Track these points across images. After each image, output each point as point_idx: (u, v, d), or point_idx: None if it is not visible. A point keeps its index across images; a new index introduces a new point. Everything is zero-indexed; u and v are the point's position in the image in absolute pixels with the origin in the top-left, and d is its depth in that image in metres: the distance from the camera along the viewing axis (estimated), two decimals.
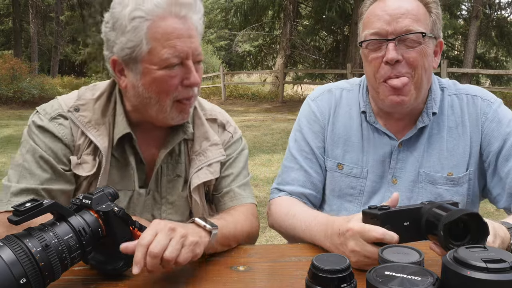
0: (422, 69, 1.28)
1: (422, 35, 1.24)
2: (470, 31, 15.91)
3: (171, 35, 1.18)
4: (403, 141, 1.39)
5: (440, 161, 1.37)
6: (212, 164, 1.38)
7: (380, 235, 0.98)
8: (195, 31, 1.24)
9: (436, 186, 1.36)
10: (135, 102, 1.28)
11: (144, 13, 1.16)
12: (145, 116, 1.31)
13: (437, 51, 1.34)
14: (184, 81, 1.23)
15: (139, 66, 1.21)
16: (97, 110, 1.31)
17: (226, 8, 23.08)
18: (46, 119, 1.28)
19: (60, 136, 1.28)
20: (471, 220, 0.91)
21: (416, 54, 1.25)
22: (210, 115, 1.46)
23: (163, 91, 1.22)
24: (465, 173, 1.36)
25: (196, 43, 1.23)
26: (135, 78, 1.23)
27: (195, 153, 1.38)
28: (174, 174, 1.39)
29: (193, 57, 1.23)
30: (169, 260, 0.95)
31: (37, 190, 1.23)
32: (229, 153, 1.45)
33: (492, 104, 1.38)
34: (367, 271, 0.73)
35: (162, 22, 1.18)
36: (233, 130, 1.49)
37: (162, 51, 1.18)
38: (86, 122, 1.29)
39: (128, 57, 1.21)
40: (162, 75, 1.20)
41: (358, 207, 1.43)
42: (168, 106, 1.25)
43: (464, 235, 0.92)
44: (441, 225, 0.91)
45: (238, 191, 1.41)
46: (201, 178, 1.35)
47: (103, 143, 1.28)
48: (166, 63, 1.19)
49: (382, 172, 1.41)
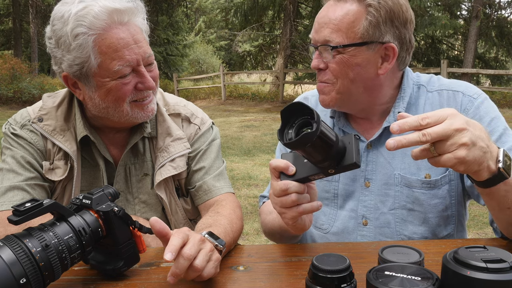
0: (345, 79, 1.25)
1: (335, 48, 1.21)
2: (470, 31, 15.91)
3: (118, 46, 1.18)
4: (372, 142, 1.36)
5: (416, 162, 1.31)
6: (175, 159, 1.39)
7: (283, 165, 0.99)
8: (141, 34, 1.25)
9: (412, 189, 1.31)
10: (95, 112, 1.31)
11: (86, 28, 1.16)
12: (107, 122, 1.34)
13: (388, 56, 1.25)
14: (138, 85, 1.25)
15: (92, 80, 1.23)
16: (60, 117, 1.36)
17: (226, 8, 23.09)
18: (18, 127, 1.34)
19: (32, 142, 1.33)
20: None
21: (335, 64, 1.24)
22: (173, 110, 1.47)
23: (119, 98, 1.24)
24: (444, 174, 1.30)
25: (144, 47, 1.24)
26: (90, 91, 1.25)
27: (159, 150, 1.40)
28: (142, 173, 1.42)
29: (144, 61, 1.25)
30: (197, 269, 0.92)
31: (22, 186, 1.28)
32: (198, 146, 1.45)
33: (474, 100, 1.30)
34: (368, 271, 0.73)
35: (107, 34, 1.17)
36: (199, 122, 1.49)
37: (111, 64, 1.19)
38: (51, 130, 1.34)
39: (79, 72, 1.22)
40: (116, 85, 1.22)
41: (335, 210, 1.41)
42: (128, 109, 1.27)
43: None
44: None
45: (212, 183, 1.42)
46: (163, 175, 1.37)
47: (71, 148, 1.32)
48: (118, 74, 1.21)
49: (354, 174, 1.38)
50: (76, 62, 1.20)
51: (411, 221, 1.33)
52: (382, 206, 1.34)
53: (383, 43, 1.23)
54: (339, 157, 0.94)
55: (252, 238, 4.25)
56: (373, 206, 1.35)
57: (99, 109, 1.28)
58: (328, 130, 0.89)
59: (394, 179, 1.33)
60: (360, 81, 1.26)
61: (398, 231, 1.33)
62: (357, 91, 1.28)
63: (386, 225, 1.34)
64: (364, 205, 1.36)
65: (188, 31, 34.83)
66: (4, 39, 28.74)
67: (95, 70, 1.20)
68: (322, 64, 1.27)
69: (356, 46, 1.22)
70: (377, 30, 1.22)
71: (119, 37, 1.18)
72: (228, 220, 1.26)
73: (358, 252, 1.16)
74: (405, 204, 1.32)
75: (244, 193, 5.59)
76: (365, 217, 1.36)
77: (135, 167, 1.42)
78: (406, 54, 1.31)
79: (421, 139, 0.87)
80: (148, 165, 1.43)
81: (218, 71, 21.06)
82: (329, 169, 0.95)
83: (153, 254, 1.17)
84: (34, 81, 18.13)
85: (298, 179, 0.99)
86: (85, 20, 1.15)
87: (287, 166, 0.99)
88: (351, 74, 1.24)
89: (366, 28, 1.21)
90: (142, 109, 1.29)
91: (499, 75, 16.28)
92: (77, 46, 1.17)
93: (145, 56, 1.24)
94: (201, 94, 20.28)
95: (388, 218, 1.34)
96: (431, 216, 1.31)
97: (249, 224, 4.54)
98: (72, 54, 1.19)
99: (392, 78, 1.33)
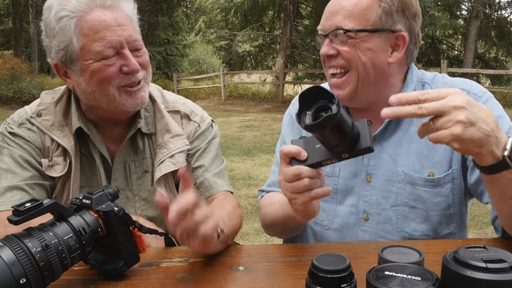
0: (358, 62, 1.26)
1: (348, 31, 1.23)
2: (470, 31, 15.91)
3: (98, 27, 1.19)
4: (375, 137, 1.36)
5: (420, 159, 1.32)
6: (174, 155, 1.39)
7: (295, 150, 1.00)
8: (126, 19, 1.25)
9: (415, 187, 1.31)
10: (85, 101, 1.32)
11: (68, 11, 1.18)
12: (101, 113, 1.34)
13: (398, 45, 1.28)
14: (123, 68, 1.24)
15: (77, 64, 1.23)
16: (58, 113, 1.36)
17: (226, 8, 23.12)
18: (15, 126, 1.35)
19: (30, 140, 1.33)
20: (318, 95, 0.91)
21: (348, 47, 1.25)
22: (172, 107, 1.48)
23: (103, 80, 1.23)
24: (447, 172, 1.30)
25: (128, 30, 1.23)
26: (76, 75, 1.26)
27: (158, 146, 1.40)
28: (142, 171, 1.43)
29: (129, 45, 1.24)
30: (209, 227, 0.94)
31: (20, 186, 1.27)
32: (198, 144, 1.46)
33: (479, 98, 1.30)
34: (368, 271, 0.73)
35: (88, 16, 1.19)
36: (199, 119, 1.49)
37: (93, 45, 1.19)
38: (50, 125, 1.34)
39: (64, 58, 1.23)
40: (99, 66, 1.22)
41: (334, 206, 1.41)
42: (115, 94, 1.26)
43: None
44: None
45: (212, 180, 1.43)
46: (163, 171, 1.37)
47: (69, 143, 1.32)
48: (101, 56, 1.20)
49: (355, 169, 1.38)
50: (61, 47, 1.21)
51: (413, 218, 1.33)
52: (384, 202, 1.34)
53: (394, 32, 1.26)
54: (353, 141, 0.95)
55: (252, 238, 4.25)
56: (374, 201, 1.35)
57: (86, 94, 1.27)
58: (346, 114, 0.90)
59: (397, 176, 1.33)
60: (371, 67, 1.26)
61: (400, 228, 1.33)
62: (367, 80, 1.28)
63: (388, 221, 1.34)
64: (365, 200, 1.36)
65: (188, 31, 34.82)
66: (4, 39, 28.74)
67: (78, 53, 1.21)
68: (332, 50, 1.27)
69: (368, 32, 1.24)
70: (390, 18, 1.24)
71: (101, 19, 1.19)
72: (227, 213, 1.26)
73: (358, 252, 1.16)
74: (408, 202, 1.32)
75: (244, 193, 5.60)
76: (366, 212, 1.36)
77: (135, 164, 1.42)
78: (414, 47, 1.33)
79: (417, 112, 0.88)
80: (147, 162, 1.43)
81: (218, 71, 21.05)
82: (343, 153, 0.96)
83: (153, 254, 1.17)
84: (34, 81, 18.15)
85: (310, 164, 0.99)
86: (68, 4, 1.18)
87: (299, 152, 1.00)
88: (363, 58, 1.25)
89: (379, 15, 1.23)
90: (130, 96, 1.28)
91: (499, 75, 16.28)
92: (60, 29, 1.19)
93: (130, 40, 1.23)
94: (201, 94, 20.28)
95: (390, 215, 1.34)
96: (433, 214, 1.31)
97: (249, 224, 4.54)
98: (57, 38, 1.21)
99: (400, 70, 1.35)
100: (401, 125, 1.35)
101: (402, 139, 1.34)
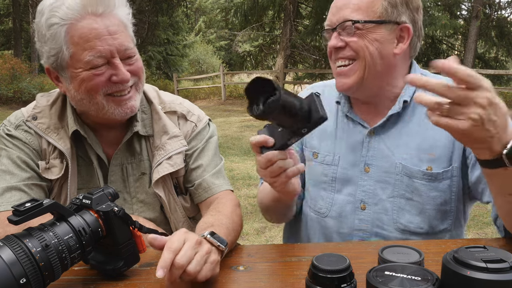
0: (366, 52, 1.29)
1: (356, 22, 1.27)
2: (470, 31, 15.91)
3: (89, 36, 1.17)
4: (376, 128, 1.39)
5: (419, 153, 1.34)
6: (172, 156, 1.39)
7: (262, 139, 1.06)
8: (119, 26, 1.22)
9: (412, 179, 1.33)
10: (75, 106, 1.32)
11: (59, 19, 1.16)
12: (94, 119, 1.34)
13: (403, 37, 1.32)
14: (112, 78, 1.23)
15: (67, 71, 1.23)
16: (54, 115, 1.36)
17: (226, 8, 23.07)
18: (12, 128, 1.35)
19: (27, 142, 1.33)
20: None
21: (356, 38, 1.29)
22: (169, 107, 1.47)
23: (91, 89, 1.23)
24: (446, 169, 1.31)
25: (120, 39, 1.21)
26: (67, 82, 1.26)
27: (156, 148, 1.40)
28: (139, 173, 1.42)
29: (120, 54, 1.22)
30: (191, 274, 0.92)
31: (19, 187, 1.27)
32: (195, 144, 1.45)
33: None
34: (368, 271, 0.73)
35: (79, 24, 1.17)
36: (196, 119, 1.48)
37: (83, 54, 1.18)
38: (45, 128, 1.34)
39: (55, 64, 1.23)
40: (88, 75, 1.21)
41: (332, 194, 1.44)
42: (103, 102, 1.25)
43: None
44: None
45: (211, 181, 1.42)
46: (160, 173, 1.36)
47: (65, 146, 1.32)
48: (90, 65, 1.20)
49: (354, 159, 1.41)
50: (52, 53, 1.21)
51: (409, 210, 1.35)
52: (381, 193, 1.37)
53: (399, 24, 1.31)
54: (307, 116, 1.00)
55: (252, 238, 4.25)
56: (372, 191, 1.38)
57: (75, 101, 1.28)
58: (290, 95, 0.95)
59: (395, 168, 1.36)
60: (378, 57, 1.30)
61: (395, 219, 1.36)
62: (374, 69, 1.31)
63: (384, 212, 1.37)
64: (363, 189, 1.39)
65: (188, 31, 34.82)
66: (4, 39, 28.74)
67: (68, 61, 1.20)
68: (340, 42, 1.32)
69: (375, 23, 1.29)
70: (395, 10, 1.30)
71: (91, 28, 1.17)
72: (230, 219, 1.25)
73: (358, 252, 1.16)
74: (404, 193, 1.35)
75: (244, 193, 5.60)
76: (363, 201, 1.39)
77: (132, 167, 1.41)
78: (418, 40, 1.37)
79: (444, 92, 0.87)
80: (145, 164, 1.42)
81: (218, 71, 21.05)
82: (302, 129, 1.01)
83: (153, 254, 1.17)
84: (34, 81, 18.11)
85: (278, 147, 1.06)
86: (59, 11, 1.16)
87: (266, 139, 1.06)
88: (370, 47, 1.29)
89: (385, 7, 1.29)
90: (119, 105, 1.27)
91: (499, 75, 16.27)
92: (51, 36, 1.18)
93: (121, 49, 1.21)
94: (201, 94, 20.27)
95: (386, 206, 1.36)
96: (429, 208, 1.33)
97: (249, 224, 4.54)
98: (48, 45, 1.20)
99: (404, 62, 1.38)
100: (402, 118, 1.38)
101: (402, 132, 1.37)
